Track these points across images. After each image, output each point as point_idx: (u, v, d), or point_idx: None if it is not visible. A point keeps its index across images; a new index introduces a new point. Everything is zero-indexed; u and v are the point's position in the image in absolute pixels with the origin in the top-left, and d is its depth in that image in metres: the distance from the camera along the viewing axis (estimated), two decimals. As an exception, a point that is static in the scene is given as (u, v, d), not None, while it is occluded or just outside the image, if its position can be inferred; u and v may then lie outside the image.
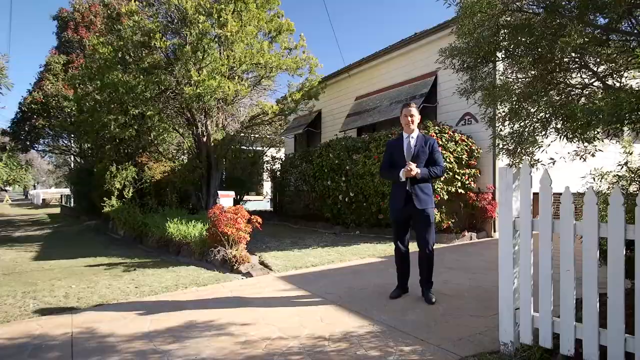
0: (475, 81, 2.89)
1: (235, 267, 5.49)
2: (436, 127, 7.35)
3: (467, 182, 7.23)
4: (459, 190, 7.13)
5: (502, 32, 2.30)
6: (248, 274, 5.26)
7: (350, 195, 8.60)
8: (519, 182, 2.55)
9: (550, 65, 2.28)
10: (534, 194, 2.48)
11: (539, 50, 2.19)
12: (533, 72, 2.31)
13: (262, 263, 5.88)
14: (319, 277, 4.99)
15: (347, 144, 8.87)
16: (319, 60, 10.33)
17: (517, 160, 2.87)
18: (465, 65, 2.83)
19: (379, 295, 4.09)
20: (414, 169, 3.76)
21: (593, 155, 2.64)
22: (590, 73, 2.38)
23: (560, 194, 2.30)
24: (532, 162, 2.80)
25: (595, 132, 2.12)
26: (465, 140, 7.34)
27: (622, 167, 2.65)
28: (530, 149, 2.72)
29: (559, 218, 2.34)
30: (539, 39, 2.13)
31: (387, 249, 6.58)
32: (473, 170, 7.36)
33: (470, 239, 7.20)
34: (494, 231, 7.48)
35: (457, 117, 8.06)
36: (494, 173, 7.45)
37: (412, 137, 3.97)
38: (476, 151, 7.43)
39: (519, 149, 2.75)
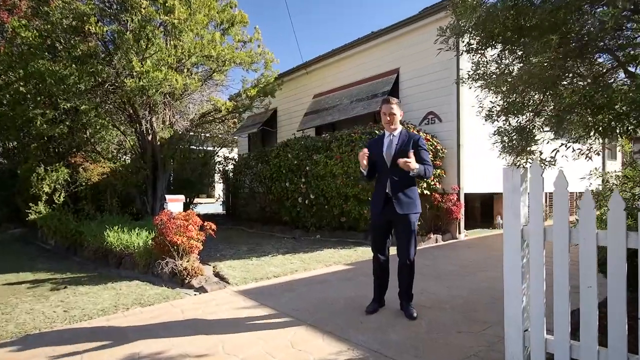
0: (479, 66, 2.53)
1: (186, 281, 4.85)
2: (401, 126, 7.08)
3: (432, 183, 7.03)
4: (425, 192, 6.91)
5: (520, 4, 1.96)
6: (202, 289, 4.64)
7: (310, 197, 8.16)
8: (526, 184, 2.22)
9: (577, 46, 1.97)
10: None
11: (569, 27, 1.88)
12: (555, 55, 1.99)
13: (217, 275, 5.27)
14: (283, 290, 4.48)
15: (307, 143, 8.42)
16: (275, 57, 9.83)
17: (524, 160, 2.56)
18: (470, 47, 2.47)
19: (353, 310, 3.67)
20: (413, 164, 3.23)
21: (598, 154, 2.40)
22: (610, 58, 2.12)
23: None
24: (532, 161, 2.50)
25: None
26: (430, 139, 7.14)
27: (627, 167, 2.40)
28: (536, 145, 2.41)
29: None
30: (567, 14, 1.81)
31: (352, 254, 6.21)
32: (438, 170, 7.18)
33: (436, 242, 7.00)
34: (459, 233, 7.35)
35: (420, 116, 7.87)
36: (458, 174, 7.31)
37: (393, 135, 3.60)
38: (441, 151, 7.25)
39: (520, 147, 2.42)
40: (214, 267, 5.65)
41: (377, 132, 7.05)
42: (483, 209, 9.82)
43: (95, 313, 3.88)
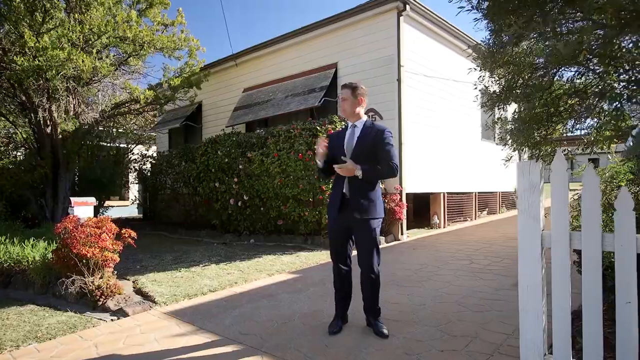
0: (503, 30, 2.12)
1: (100, 303, 3.94)
2: (343, 123, 6.71)
3: (375, 182, 6.76)
4: (368, 191, 6.60)
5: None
6: (121, 312, 3.78)
7: (244, 198, 7.46)
8: (544, 180, 1.89)
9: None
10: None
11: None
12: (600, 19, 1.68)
13: (139, 292, 4.41)
14: (224, 308, 3.81)
15: (240, 139, 7.71)
16: (202, 46, 8.93)
17: (540, 153, 2.24)
18: (504, 7, 2.05)
19: (313, 331, 3.15)
20: (350, 166, 2.92)
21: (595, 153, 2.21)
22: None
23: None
24: (544, 155, 2.20)
25: None
26: (374, 137, 6.86)
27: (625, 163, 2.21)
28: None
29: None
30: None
31: (296, 261, 5.68)
32: (382, 169, 6.93)
33: (380, 244, 6.73)
34: (401, 234, 7.19)
35: (360, 113, 7.58)
36: (400, 173, 7.14)
37: (356, 127, 3.15)
38: (384, 149, 7.02)
39: (539, 136, 2.10)
40: (134, 282, 4.76)
41: (317, 127, 6.60)
42: (415, 209, 9.88)
43: (-30, 357, 2.89)
